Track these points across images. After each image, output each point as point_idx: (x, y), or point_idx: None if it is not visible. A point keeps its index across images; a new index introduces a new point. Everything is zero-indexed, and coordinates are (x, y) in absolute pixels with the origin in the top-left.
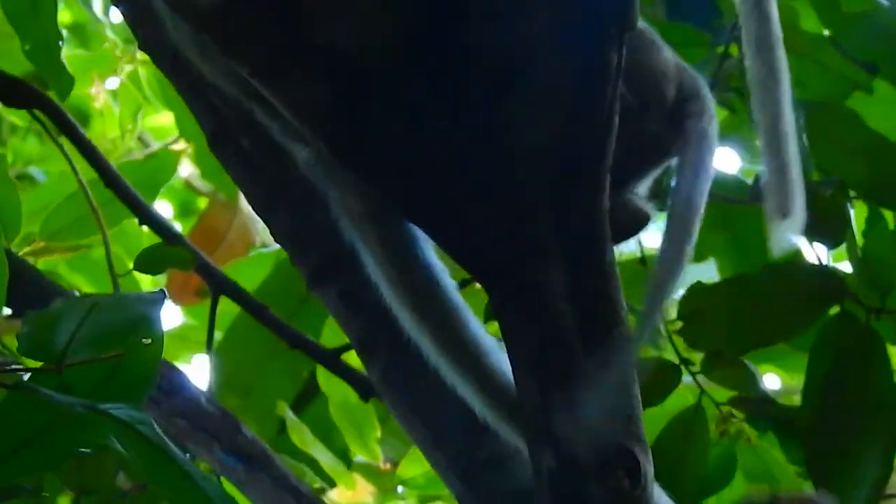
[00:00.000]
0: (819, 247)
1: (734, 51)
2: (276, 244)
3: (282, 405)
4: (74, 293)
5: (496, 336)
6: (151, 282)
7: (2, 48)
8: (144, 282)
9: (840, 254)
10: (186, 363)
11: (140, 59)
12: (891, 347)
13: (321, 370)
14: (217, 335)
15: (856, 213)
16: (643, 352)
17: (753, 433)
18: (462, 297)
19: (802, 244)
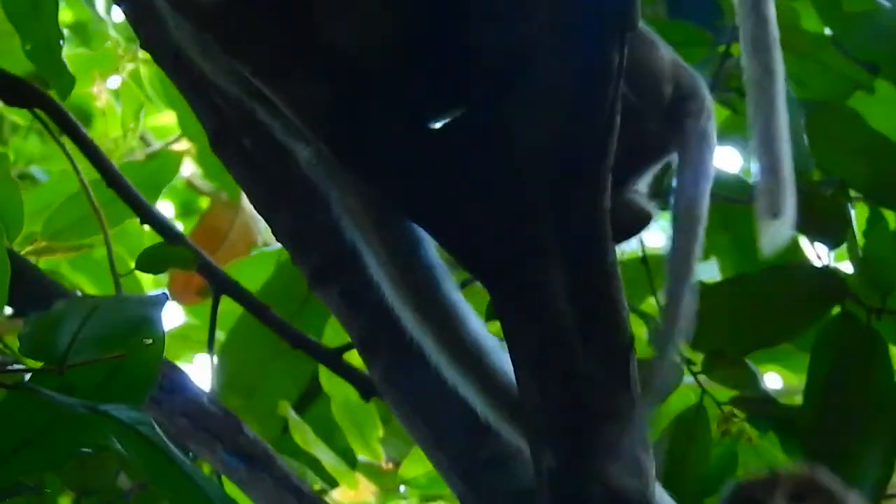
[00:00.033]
0: (820, 247)
1: (735, 50)
2: (278, 243)
3: (284, 405)
4: (76, 293)
5: (498, 335)
6: (153, 281)
7: (3, 47)
8: (146, 281)
9: (841, 253)
10: (188, 362)
11: (142, 58)
12: (892, 347)
13: (323, 370)
14: (220, 335)
15: (857, 214)
16: (642, 352)
17: (755, 433)
18: (464, 297)
19: (804, 244)
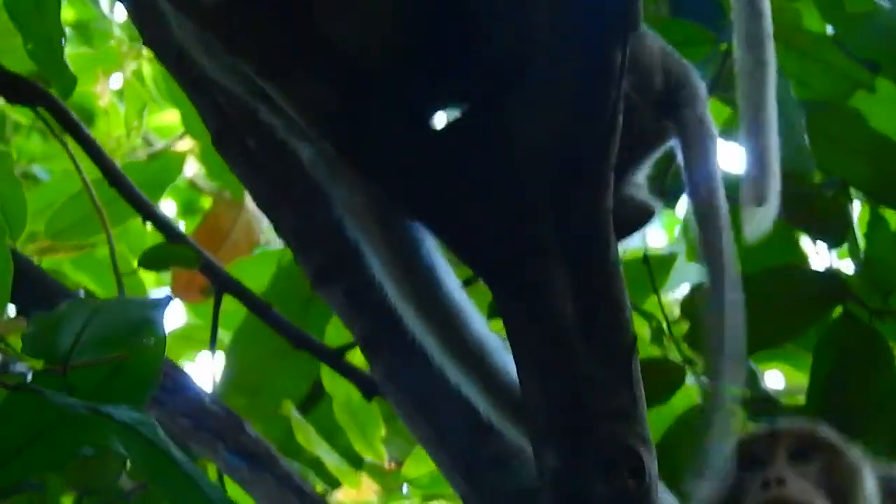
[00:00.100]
0: (822, 246)
1: None
2: (280, 243)
3: (287, 405)
4: (79, 292)
5: (502, 333)
6: (156, 280)
7: (5, 45)
8: (149, 280)
9: (843, 252)
10: (191, 361)
11: (145, 57)
12: (893, 348)
13: (325, 370)
14: (224, 335)
15: (858, 215)
16: (644, 351)
17: None
18: (467, 296)
19: (805, 244)
